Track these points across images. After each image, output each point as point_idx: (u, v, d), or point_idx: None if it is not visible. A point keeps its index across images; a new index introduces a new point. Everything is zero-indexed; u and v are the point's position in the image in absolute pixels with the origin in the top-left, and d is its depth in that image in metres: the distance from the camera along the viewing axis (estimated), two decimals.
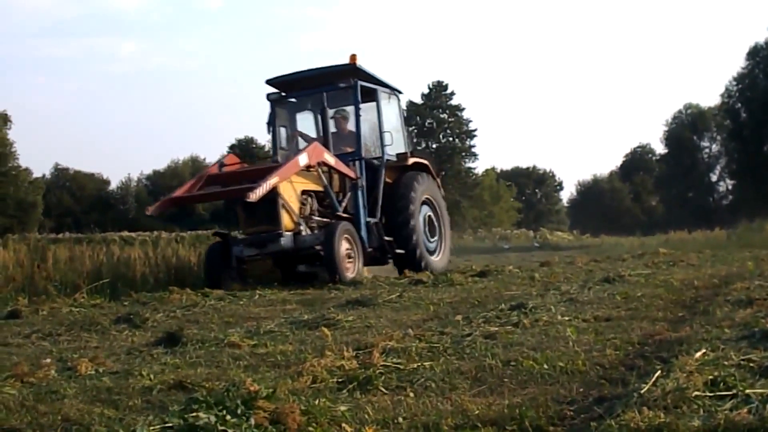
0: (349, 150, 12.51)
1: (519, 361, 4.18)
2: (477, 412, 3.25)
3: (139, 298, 9.33)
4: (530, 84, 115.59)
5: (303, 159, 11.07)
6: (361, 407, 3.38)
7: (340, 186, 12.26)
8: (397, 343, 4.72)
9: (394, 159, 12.98)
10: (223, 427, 2.96)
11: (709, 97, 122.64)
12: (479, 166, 72.46)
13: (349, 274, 10.99)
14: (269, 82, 12.98)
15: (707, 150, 76.44)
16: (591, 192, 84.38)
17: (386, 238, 12.41)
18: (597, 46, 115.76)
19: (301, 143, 12.68)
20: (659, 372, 3.42)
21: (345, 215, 11.75)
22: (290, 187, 11.09)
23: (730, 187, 72.34)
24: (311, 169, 11.46)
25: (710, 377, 3.26)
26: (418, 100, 68.30)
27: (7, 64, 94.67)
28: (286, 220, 10.89)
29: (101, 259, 12.28)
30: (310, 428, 3.09)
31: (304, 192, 11.43)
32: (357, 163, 12.32)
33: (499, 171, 76.53)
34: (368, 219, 12.28)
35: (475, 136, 69.15)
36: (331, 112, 12.81)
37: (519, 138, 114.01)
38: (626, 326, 5.36)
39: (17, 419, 3.51)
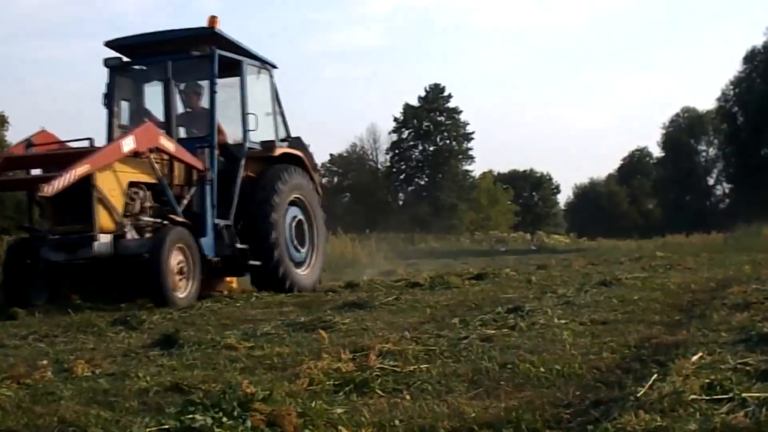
0: (203, 134, 10.27)
1: (515, 364, 4.18)
2: (473, 414, 3.25)
3: (136, 300, 9.25)
4: (528, 87, 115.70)
5: (128, 143, 8.88)
6: (357, 410, 3.38)
7: (185, 178, 9.86)
8: (393, 345, 4.72)
9: (258, 148, 10.71)
10: (219, 430, 2.96)
11: (706, 101, 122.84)
12: (476, 169, 72.25)
13: (180, 295, 8.85)
14: (110, 44, 10.63)
15: (704, 154, 76.53)
16: (588, 195, 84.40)
17: (239, 246, 10.04)
18: (594, 48, 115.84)
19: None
20: (656, 375, 3.43)
21: (181, 219, 9.41)
22: (113, 178, 8.84)
23: (727, 191, 72.44)
24: (143, 157, 9.14)
25: (707, 381, 3.26)
26: (416, 102, 68.41)
27: (5, 65, 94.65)
28: (103, 220, 8.68)
29: None
30: (307, 431, 3.09)
31: (133, 184, 9.13)
32: (207, 151, 9.96)
33: (496, 174, 76.49)
34: (218, 221, 9.93)
35: (472, 138, 69.31)
36: (183, 86, 10.75)
37: (516, 141, 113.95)
38: (623, 329, 5.36)
39: (14, 421, 3.51)
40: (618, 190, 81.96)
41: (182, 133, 10.47)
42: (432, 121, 68.36)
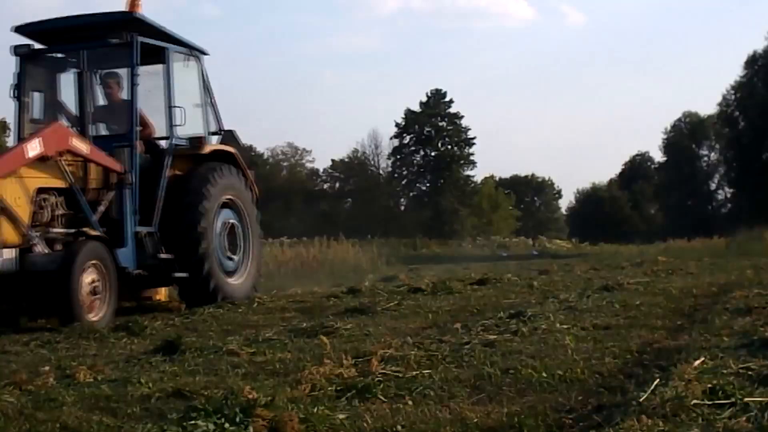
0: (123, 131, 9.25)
1: (518, 369, 4.19)
2: (476, 420, 3.25)
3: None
4: (529, 92, 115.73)
5: (33, 148, 7.96)
6: (359, 415, 3.38)
7: (102, 181, 8.86)
8: (395, 351, 4.73)
9: (186, 144, 9.62)
10: None
11: (708, 106, 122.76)
12: (478, 174, 72.14)
13: (93, 317, 7.86)
14: (20, 30, 9.57)
15: (706, 158, 76.47)
16: (590, 200, 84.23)
17: (163, 256, 9.04)
18: (595, 53, 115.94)
19: (63, 119, 9.47)
20: (658, 380, 3.43)
21: (95, 233, 8.31)
22: (17, 185, 7.89)
23: (728, 196, 72.35)
24: (51, 160, 8.21)
25: (709, 385, 3.27)
26: (417, 107, 68.46)
27: (5, 68, 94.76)
28: (6, 232, 7.67)
29: None
30: None
31: (42, 191, 8.15)
32: (127, 150, 8.90)
33: (497, 179, 76.42)
34: (139, 229, 8.93)
35: (473, 144, 69.21)
36: (101, 75, 9.77)
37: (518, 146, 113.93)
38: (625, 334, 5.37)
39: (16, 427, 3.51)
40: (620, 195, 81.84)
41: (102, 129, 9.64)
42: (433, 127, 68.33)
